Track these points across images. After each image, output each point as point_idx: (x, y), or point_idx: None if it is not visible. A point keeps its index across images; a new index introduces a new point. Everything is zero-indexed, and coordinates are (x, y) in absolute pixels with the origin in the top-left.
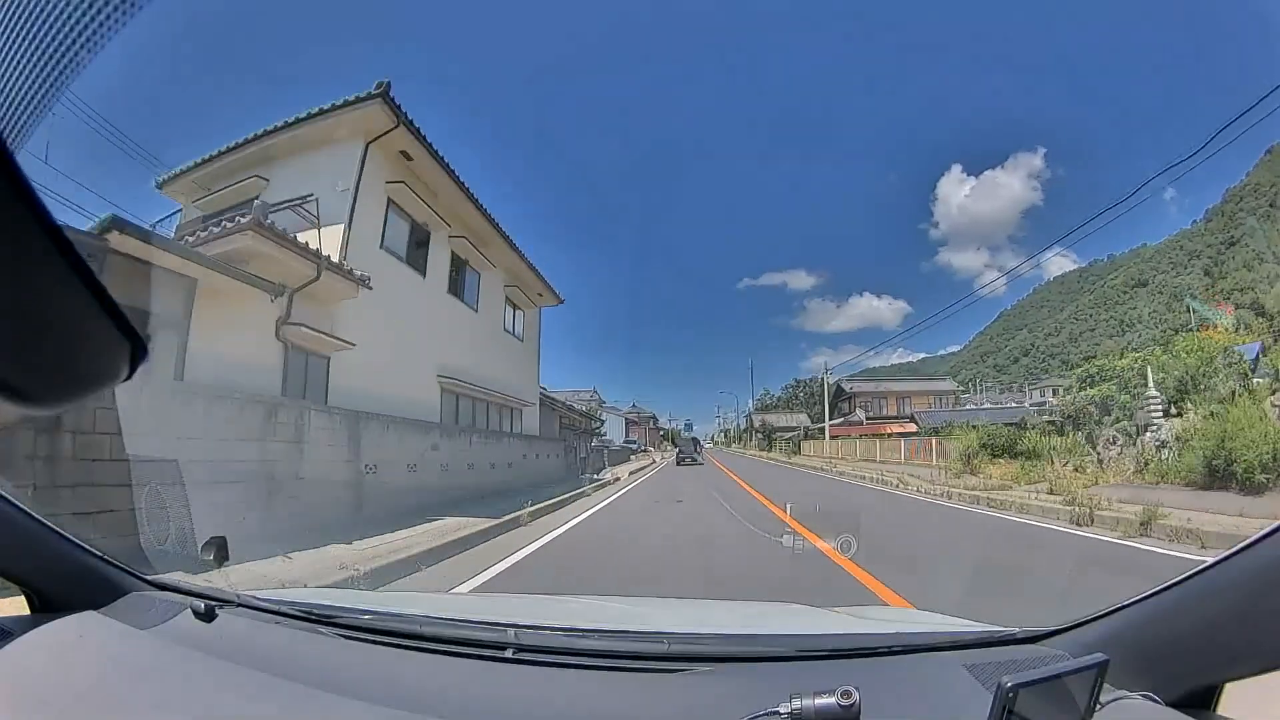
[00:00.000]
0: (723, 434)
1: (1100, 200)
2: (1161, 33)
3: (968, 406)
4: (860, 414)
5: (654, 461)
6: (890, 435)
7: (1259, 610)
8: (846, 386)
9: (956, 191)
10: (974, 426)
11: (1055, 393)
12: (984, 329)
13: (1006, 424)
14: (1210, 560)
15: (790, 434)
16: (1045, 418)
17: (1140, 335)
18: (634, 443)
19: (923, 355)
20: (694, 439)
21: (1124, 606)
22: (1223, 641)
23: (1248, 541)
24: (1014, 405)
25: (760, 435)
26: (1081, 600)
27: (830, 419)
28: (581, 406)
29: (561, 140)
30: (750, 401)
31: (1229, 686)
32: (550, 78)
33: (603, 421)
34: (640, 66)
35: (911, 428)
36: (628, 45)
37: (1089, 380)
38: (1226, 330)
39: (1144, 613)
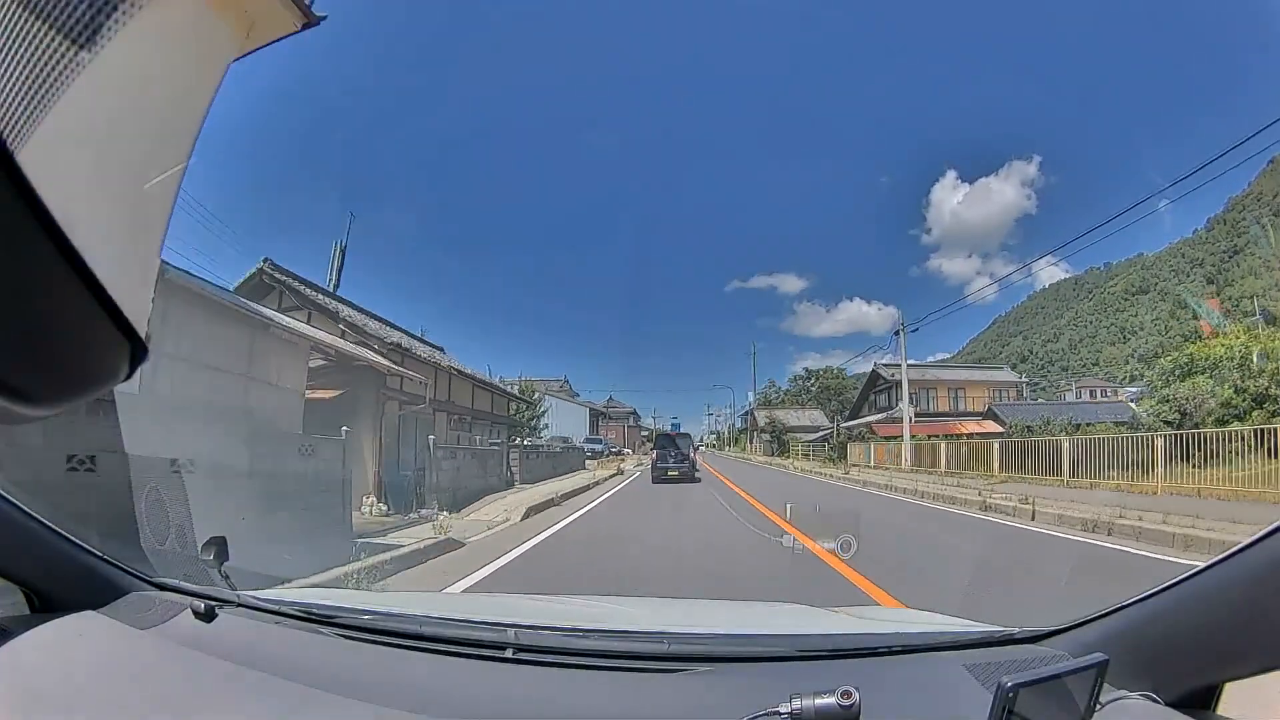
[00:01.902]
0: (714, 435)
1: (1095, 208)
2: (1163, 39)
3: (1039, 402)
4: (906, 407)
5: (618, 473)
6: (969, 435)
7: (1259, 610)
8: (887, 374)
9: (950, 197)
10: (1078, 425)
11: (1092, 393)
12: (978, 335)
13: (1118, 423)
14: (1210, 560)
15: (812, 435)
16: (1160, 416)
17: (1146, 342)
18: (599, 442)
19: (911, 361)
20: (685, 434)
21: (1124, 606)
22: (1223, 641)
23: (1247, 542)
24: (1107, 400)
25: (768, 436)
26: None
27: (863, 414)
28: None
29: (556, 138)
30: (750, 395)
31: (1229, 686)
32: (548, 71)
33: (538, 411)
34: (630, 61)
35: (990, 426)
36: (614, 38)
37: (1179, 373)
38: (1239, 332)
39: (1144, 613)
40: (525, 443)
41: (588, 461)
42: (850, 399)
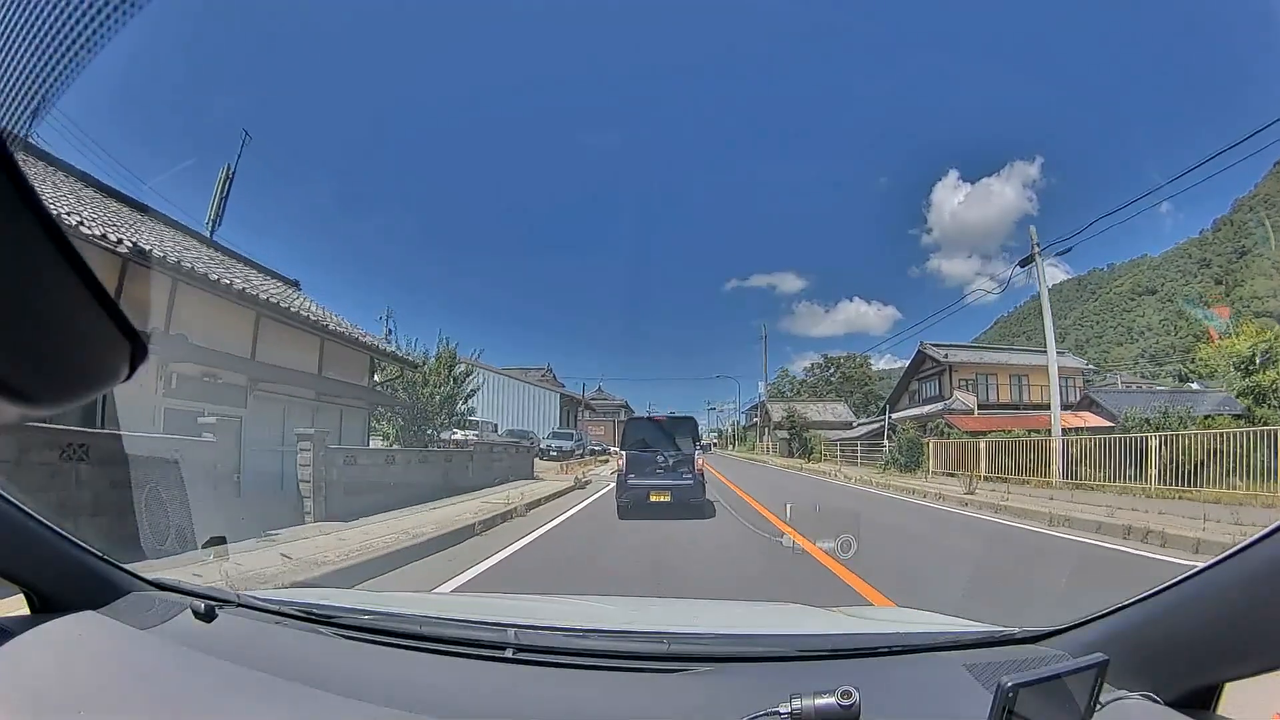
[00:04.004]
0: (715, 433)
1: (1098, 210)
2: (1168, 41)
3: (1152, 389)
4: (965, 397)
5: (575, 486)
6: (1077, 430)
7: (1259, 610)
8: (939, 355)
9: (951, 198)
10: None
11: (1126, 386)
12: (979, 336)
13: (1235, 416)
14: (1210, 561)
15: (841, 432)
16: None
17: (1157, 343)
18: (569, 438)
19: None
20: (687, 419)
21: (1124, 607)
22: (1223, 641)
23: (1247, 542)
24: (1208, 390)
25: (785, 433)
26: None
27: (902, 406)
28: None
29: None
30: (761, 385)
31: (1229, 686)
32: (546, 68)
33: (462, 390)
34: (627, 58)
35: (1091, 419)
36: (612, 34)
37: (1260, 361)
38: (1250, 331)
39: (1144, 613)
40: (453, 435)
41: (546, 465)
42: (875, 391)
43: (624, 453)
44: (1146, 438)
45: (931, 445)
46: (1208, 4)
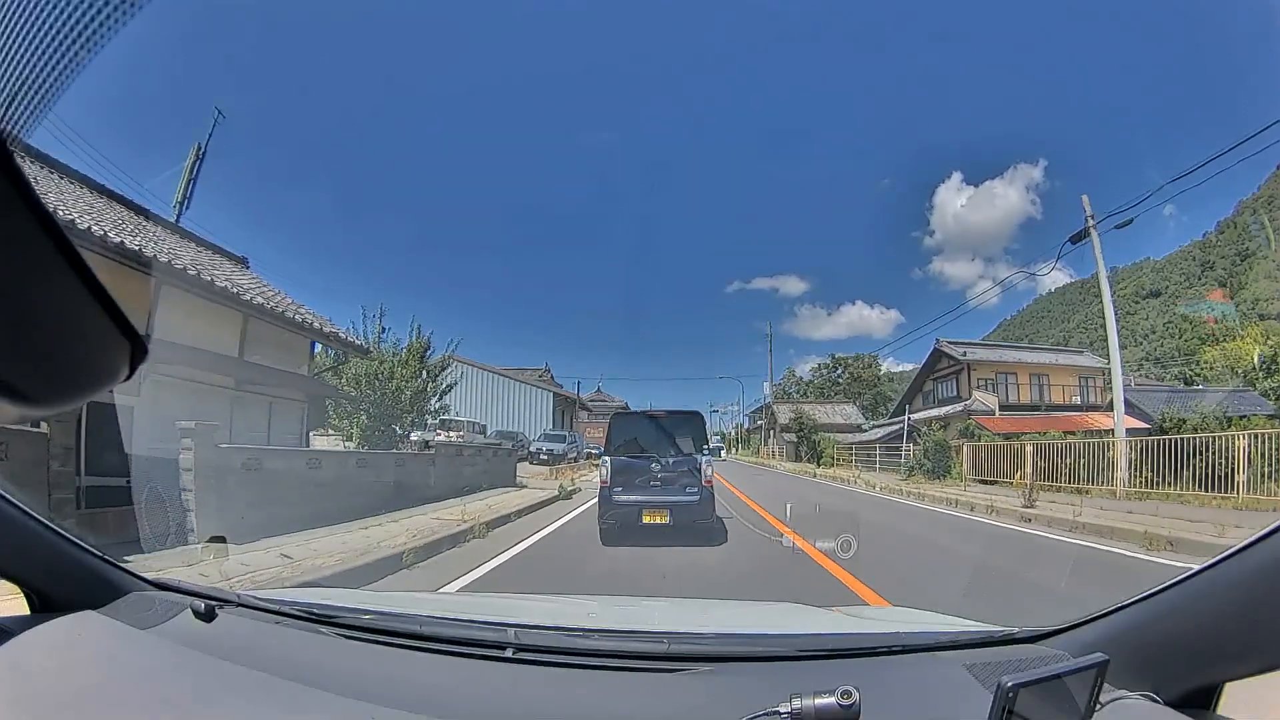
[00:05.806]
0: (718, 436)
1: (1102, 213)
2: (1174, 44)
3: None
4: (985, 398)
5: (560, 496)
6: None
7: (1259, 610)
8: (957, 353)
9: (954, 200)
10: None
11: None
12: (982, 339)
13: (1271, 416)
14: (1210, 561)
15: (851, 435)
16: None
17: (1160, 346)
18: (561, 440)
19: (913, 365)
20: (692, 414)
21: (1124, 607)
22: (1223, 641)
23: (1247, 542)
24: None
25: (793, 436)
26: None
27: (914, 408)
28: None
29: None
30: (766, 386)
31: (1229, 686)
32: (546, 68)
33: (438, 384)
34: (630, 62)
35: (1129, 422)
36: (615, 36)
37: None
38: (1256, 332)
39: (1144, 613)
40: (422, 433)
41: (536, 470)
42: (884, 393)
43: (608, 459)
44: (1231, 438)
45: (965, 449)
46: (1210, 6)
